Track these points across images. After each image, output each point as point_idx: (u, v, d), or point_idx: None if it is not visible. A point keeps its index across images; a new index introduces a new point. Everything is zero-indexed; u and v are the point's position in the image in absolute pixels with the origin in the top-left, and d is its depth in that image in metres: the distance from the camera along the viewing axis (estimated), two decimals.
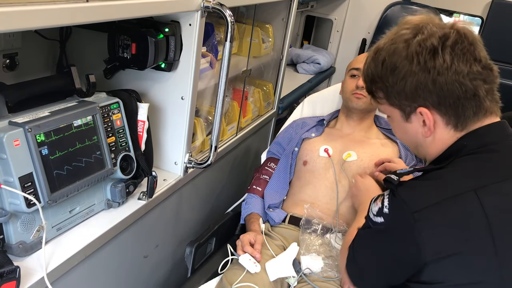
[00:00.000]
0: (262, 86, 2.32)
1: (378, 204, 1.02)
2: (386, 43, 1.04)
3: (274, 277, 1.46)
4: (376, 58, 1.05)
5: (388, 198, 0.99)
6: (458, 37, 0.97)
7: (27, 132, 1.04)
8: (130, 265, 1.47)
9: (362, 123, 1.82)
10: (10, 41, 1.32)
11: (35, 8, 0.88)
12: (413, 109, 1.02)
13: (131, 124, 1.35)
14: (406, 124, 1.07)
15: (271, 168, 1.86)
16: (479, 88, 0.97)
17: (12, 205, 1.03)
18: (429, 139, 1.05)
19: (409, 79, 0.99)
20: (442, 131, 1.02)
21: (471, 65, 0.96)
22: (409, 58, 0.98)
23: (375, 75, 1.06)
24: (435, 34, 0.97)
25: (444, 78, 0.96)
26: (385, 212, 0.98)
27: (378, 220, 1.00)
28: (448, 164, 0.99)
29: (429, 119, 1.01)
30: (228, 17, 1.36)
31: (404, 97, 1.02)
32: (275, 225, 1.70)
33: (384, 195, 1.02)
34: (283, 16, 2.23)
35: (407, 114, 1.04)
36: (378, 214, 1.01)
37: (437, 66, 0.96)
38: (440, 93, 0.97)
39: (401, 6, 3.10)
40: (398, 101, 1.03)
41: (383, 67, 1.03)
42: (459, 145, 1.01)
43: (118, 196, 1.31)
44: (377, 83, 1.06)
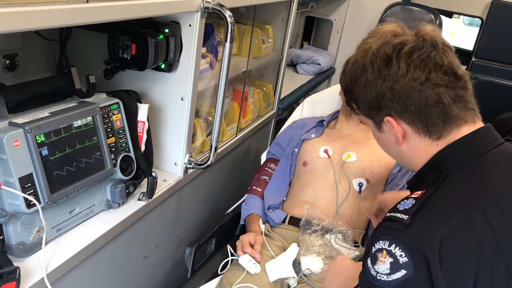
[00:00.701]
0: (262, 87, 2.32)
1: (383, 260, 0.87)
2: (353, 54, 1.05)
3: (274, 278, 1.46)
4: (344, 69, 1.07)
5: (396, 245, 0.86)
6: (417, 44, 0.95)
7: (27, 132, 1.04)
8: (130, 266, 1.47)
9: (362, 124, 1.82)
10: (10, 42, 1.32)
11: (35, 8, 0.88)
12: (381, 119, 1.01)
13: (131, 125, 1.35)
14: (381, 135, 1.05)
15: (271, 168, 1.86)
16: (441, 95, 0.94)
17: (12, 206, 1.03)
18: (404, 149, 1.02)
19: (368, 89, 0.98)
20: (416, 140, 0.99)
21: (430, 72, 0.94)
22: (366, 67, 0.98)
23: (345, 87, 1.07)
24: (389, 43, 0.97)
25: (400, 86, 0.95)
26: (404, 262, 0.84)
27: (398, 276, 0.84)
28: (439, 184, 0.93)
29: (395, 128, 0.99)
30: (228, 17, 1.36)
31: (369, 107, 1.01)
32: (275, 226, 1.71)
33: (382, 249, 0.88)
34: (283, 17, 2.23)
35: (378, 124, 1.03)
36: (394, 270, 0.85)
37: (391, 74, 0.95)
38: (399, 100, 0.96)
39: (401, 7, 3.11)
40: (366, 111, 1.03)
41: (349, 79, 1.04)
42: (443, 156, 0.98)
43: (118, 197, 1.31)
44: (348, 95, 1.07)
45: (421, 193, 0.92)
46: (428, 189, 0.93)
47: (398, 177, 1.74)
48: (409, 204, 0.91)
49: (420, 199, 0.91)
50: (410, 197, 0.93)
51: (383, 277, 0.86)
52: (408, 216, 0.87)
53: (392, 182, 1.74)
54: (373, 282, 0.87)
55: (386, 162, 1.75)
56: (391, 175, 1.75)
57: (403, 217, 0.88)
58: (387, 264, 0.86)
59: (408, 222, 0.86)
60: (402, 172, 1.74)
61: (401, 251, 0.85)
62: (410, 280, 0.84)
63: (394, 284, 0.85)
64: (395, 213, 0.90)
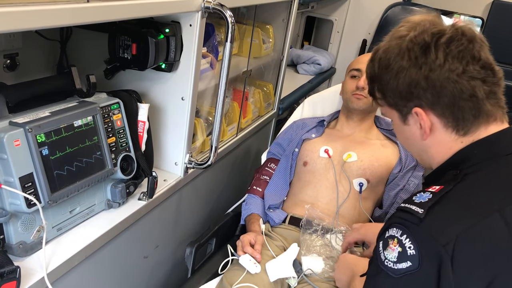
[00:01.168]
0: (262, 87, 2.32)
1: (393, 248, 0.88)
2: (383, 42, 1.02)
3: (274, 278, 1.46)
4: (374, 57, 1.03)
5: (408, 237, 0.86)
6: (456, 35, 0.93)
7: (27, 132, 1.04)
8: (130, 266, 1.47)
9: (362, 124, 1.82)
10: (10, 42, 1.32)
11: (36, 8, 0.88)
12: (409, 110, 0.98)
13: (131, 125, 1.35)
14: (405, 127, 1.02)
15: (271, 168, 1.86)
16: (477, 88, 0.92)
17: (13, 205, 1.03)
18: (428, 143, 0.99)
19: (401, 76, 0.95)
20: (442, 134, 0.97)
21: (468, 64, 0.92)
22: (401, 54, 0.96)
23: (373, 74, 1.04)
24: (428, 31, 0.94)
25: (436, 75, 0.92)
26: (412, 254, 0.85)
27: (403, 266, 0.86)
28: (458, 181, 0.92)
29: (424, 120, 0.96)
30: (229, 17, 1.36)
31: (398, 96, 0.98)
32: (275, 226, 1.71)
33: (394, 236, 0.89)
34: (284, 17, 2.23)
35: (404, 116, 1.00)
36: (401, 260, 0.86)
37: (428, 62, 0.93)
38: (433, 91, 0.93)
39: (401, 7, 3.10)
40: (394, 101, 1.00)
41: (379, 66, 1.01)
42: (466, 154, 0.95)
43: (119, 197, 1.31)
44: (375, 83, 1.04)
45: (438, 188, 0.91)
46: (446, 185, 0.91)
47: (398, 177, 1.74)
48: (425, 198, 0.90)
49: (437, 194, 0.90)
50: (427, 191, 0.92)
51: (389, 264, 0.88)
52: (423, 210, 0.87)
53: (393, 182, 1.74)
54: (381, 266, 0.89)
55: (387, 162, 1.75)
56: (391, 175, 1.75)
57: (418, 210, 0.87)
58: (395, 253, 0.88)
59: (422, 216, 0.86)
60: (403, 172, 1.74)
61: (410, 243, 0.86)
62: (413, 272, 0.85)
63: (398, 273, 0.87)
64: (410, 205, 0.90)
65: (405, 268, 0.86)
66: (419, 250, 0.85)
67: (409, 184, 1.73)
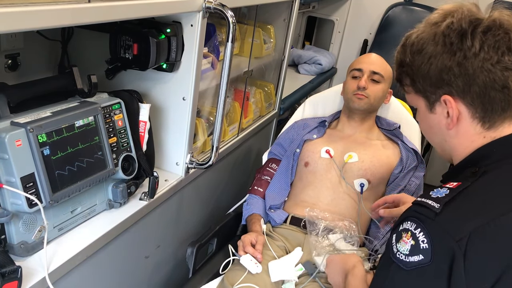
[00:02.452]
0: (263, 87, 2.32)
1: (406, 241, 0.89)
2: (416, 29, 1.01)
3: (276, 279, 1.46)
4: (405, 43, 1.02)
5: (421, 231, 0.87)
6: (493, 24, 0.92)
7: (29, 132, 1.04)
8: (132, 266, 1.47)
9: (363, 124, 1.82)
10: (12, 42, 1.32)
11: (37, 8, 0.88)
12: (438, 97, 0.96)
13: (132, 125, 1.35)
14: (430, 116, 1.01)
15: (272, 169, 1.86)
16: (509, 79, 0.91)
17: (14, 205, 1.03)
18: (452, 133, 0.98)
19: (434, 61, 0.94)
20: (468, 125, 0.96)
21: (503, 54, 0.91)
22: (436, 39, 0.94)
23: (403, 59, 1.02)
24: (466, 18, 0.93)
25: (470, 63, 0.91)
26: (424, 248, 0.85)
27: (415, 259, 0.87)
28: (476, 179, 0.91)
29: (453, 108, 0.94)
30: (230, 17, 1.36)
31: (428, 83, 0.97)
32: (276, 226, 1.70)
33: (408, 229, 0.89)
34: (285, 17, 2.23)
35: (431, 103, 0.99)
36: (413, 253, 0.87)
37: (463, 49, 0.91)
38: (465, 78, 0.92)
39: (402, 7, 3.10)
40: (423, 87, 0.98)
41: (410, 51, 0.99)
42: (485, 152, 0.95)
43: (120, 197, 1.31)
44: (404, 68, 1.02)
45: (456, 185, 0.91)
46: (464, 181, 0.91)
47: (399, 178, 1.74)
48: (443, 194, 0.90)
49: (454, 190, 0.90)
50: (444, 187, 0.92)
51: (401, 256, 0.88)
52: (439, 205, 0.87)
53: (394, 182, 1.74)
54: (392, 258, 0.90)
55: (388, 163, 1.75)
56: (392, 175, 1.75)
57: (434, 205, 0.88)
58: (408, 246, 0.88)
59: (438, 211, 0.86)
60: (404, 173, 1.74)
61: (424, 236, 0.86)
62: (425, 266, 0.85)
63: (409, 266, 0.87)
64: (427, 199, 0.90)
65: (417, 261, 0.86)
66: (432, 244, 0.85)
67: (410, 185, 1.73)
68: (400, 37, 1.06)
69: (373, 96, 1.76)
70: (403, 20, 3.03)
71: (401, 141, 1.82)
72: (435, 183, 0.99)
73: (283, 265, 1.51)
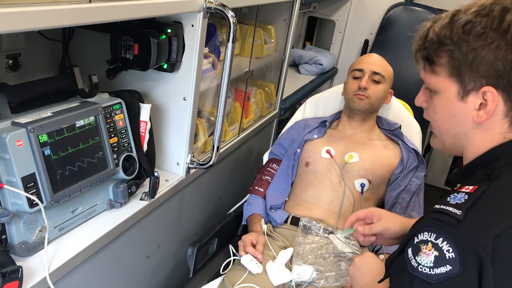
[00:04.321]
0: (264, 87, 2.32)
1: (427, 253, 0.84)
2: (469, 7, 0.92)
3: (277, 283, 1.47)
4: (454, 20, 0.92)
5: (445, 240, 0.82)
6: None
7: (29, 132, 1.04)
8: (132, 266, 1.47)
9: (364, 124, 1.82)
10: (13, 42, 1.32)
11: (38, 8, 0.88)
12: (477, 86, 0.90)
13: (133, 125, 1.35)
14: (459, 104, 0.93)
15: (273, 169, 1.86)
16: None
17: (15, 205, 1.03)
18: (477, 127, 0.93)
19: (493, 50, 0.87)
20: (496, 122, 0.91)
21: None
22: (504, 28, 0.87)
23: (448, 37, 0.92)
24: None
25: None
26: (451, 257, 0.81)
27: (442, 271, 0.82)
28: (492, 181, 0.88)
29: (494, 101, 0.89)
30: (231, 18, 1.36)
31: (476, 70, 0.89)
32: (277, 226, 1.71)
33: (427, 241, 0.84)
34: (286, 17, 2.23)
35: (465, 92, 0.91)
36: (439, 264, 0.82)
37: None
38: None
39: (403, 7, 3.10)
40: (464, 71, 0.91)
41: (463, 30, 0.90)
42: (498, 153, 0.91)
43: (120, 197, 1.31)
44: (447, 46, 0.92)
45: (473, 189, 0.88)
46: (480, 185, 0.88)
47: (400, 178, 1.74)
48: (462, 199, 0.86)
49: (473, 195, 0.86)
50: (461, 191, 0.88)
51: (425, 270, 0.83)
52: (461, 211, 0.83)
53: (395, 182, 1.74)
54: (413, 273, 0.85)
55: (388, 163, 1.75)
56: (393, 175, 1.75)
57: (456, 212, 0.84)
58: (431, 257, 0.83)
59: (461, 218, 0.82)
60: (404, 173, 1.74)
61: (448, 246, 0.82)
62: (455, 277, 0.81)
63: (436, 278, 0.82)
64: (446, 206, 0.86)
65: (445, 273, 0.81)
66: (459, 252, 0.80)
67: (410, 185, 1.73)
68: (401, 37, 1.04)
69: (374, 97, 1.76)
70: (404, 20, 3.03)
71: (401, 141, 1.82)
72: (435, 183, 0.98)
73: (278, 269, 1.50)
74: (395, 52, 2.92)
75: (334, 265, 1.50)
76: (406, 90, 2.53)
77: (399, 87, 2.02)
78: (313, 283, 1.48)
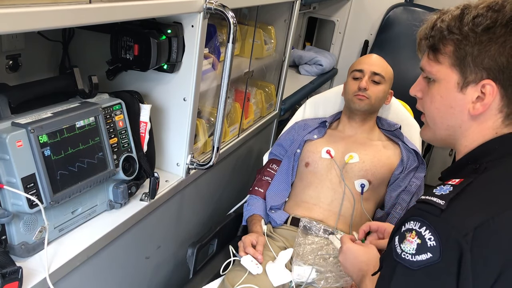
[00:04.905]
0: (264, 88, 2.32)
1: (411, 240, 0.87)
2: (481, 2, 0.94)
3: (277, 283, 1.46)
4: (464, 13, 0.94)
5: (427, 228, 0.85)
6: None
7: (29, 133, 1.04)
8: (132, 266, 1.47)
9: (364, 125, 1.82)
10: (13, 42, 1.32)
11: (38, 9, 0.88)
12: (477, 79, 0.92)
13: (133, 125, 1.35)
14: (457, 95, 0.95)
15: (273, 169, 1.86)
16: None
17: (15, 206, 1.03)
18: (472, 119, 0.95)
19: (496, 46, 0.89)
20: (490, 116, 0.94)
21: None
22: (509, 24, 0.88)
23: (457, 27, 0.94)
24: None
25: None
26: (432, 246, 0.84)
27: (422, 258, 0.85)
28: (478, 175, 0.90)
29: (492, 95, 0.91)
30: (231, 18, 1.36)
31: (480, 62, 0.91)
32: (277, 227, 1.70)
33: (412, 229, 0.87)
34: (285, 18, 2.23)
35: (465, 83, 0.93)
36: (420, 252, 0.85)
37: None
38: None
39: (403, 8, 3.10)
40: (468, 63, 0.92)
41: (473, 22, 0.92)
42: (487, 149, 0.94)
43: (120, 197, 1.31)
44: (455, 35, 0.94)
45: (459, 181, 0.90)
46: (466, 178, 0.90)
47: (400, 178, 1.74)
48: (446, 190, 0.89)
49: (458, 187, 0.89)
50: (447, 184, 0.90)
51: (407, 256, 0.86)
52: (444, 201, 0.86)
53: (395, 183, 1.74)
54: (397, 259, 0.88)
55: (388, 164, 1.75)
56: (393, 176, 1.75)
57: (439, 202, 0.86)
58: (413, 245, 0.86)
59: (444, 208, 0.85)
60: (405, 174, 1.74)
61: (430, 234, 0.84)
62: (434, 265, 0.84)
63: (417, 265, 0.85)
64: (431, 197, 0.88)
65: (425, 260, 0.84)
66: (440, 241, 0.83)
67: (410, 185, 1.73)
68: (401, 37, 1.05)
69: (374, 97, 1.76)
70: (404, 21, 3.03)
71: (401, 141, 1.82)
72: (436, 183, 0.98)
73: (278, 270, 1.50)
74: (395, 53, 2.92)
75: (334, 265, 1.50)
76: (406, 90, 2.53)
77: (399, 87, 2.01)
78: (313, 284, 1.48)
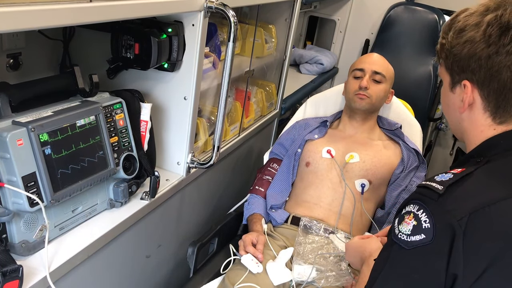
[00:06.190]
0: (265, 87, 2.32)
1: (408, 222, 0.91)
2: (474, 7, 1.01)
3: (278, 282, 1.46)
4: (454, 19, 1.03)
5: (424, 211, 0.89)
6: None
7: (30, 131, 1.04)
8: (132, 265, 1.47)
9: (365, 124, 1.82)
10: (13, 41, 1.32)
11: (39, 8, 0.88)
12: (460, 80, 0.99)
13: (134, 124, 1.35)
14: (450, 94, 1.04)
15: (273, 168, 1.86)
16: None
17: (15, 205, 1.03)
18: (463, 117, 1.01)
19: (468, 46, 0.96)
20: (479, 115, 0.99)
21: None
22: (479, 26, 0.95)
23: (445, 32, 1.03)
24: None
25: (499, 60, 0.93)
26: (426, 227, 0.88)
27: (416, 239, 0.88)
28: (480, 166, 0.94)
29: (467, 94, 0.97)
30: (231, 17, 1.36)
31: (457, 64, 0.99)
32: (277, 226, 1.71)
33: (410, 211, 0.91)
34: (286, 17, 2.23)
35: (454, 83, 1.02)
36: (415, 233, 0.89)
37: (499, 44, 0.93)
38: (488, 72, 0.94)
39: (404, 7, 3.10)
40: (451, 65, 1.01)
41: (454, 28, 1.00)
42: (490, 144, 0.98)
43: (121, 196, 1.31)
44: (443, 39, 1.04)
45: (460, 170, 0.94)
46: (468, 168, 0.94)
47: (400, 178, 1.74)
48: (447, 177, 0.93)
49: (458, 175, 0.92)
50: (449, 172, 0.94)
51: (403, 237, 0.90)
52: (442, 187, 0.90)
53: (395, 183, 1.74)
54: (394, 239, 0.92)
55: (389, 163, 1.75)
56: (393, 175, 1.75)
57: (438, 187, 0.90)
58: (410, 226, 0.90)
59: (441, 192, 0.89)
60: (405, 173, 1.74)
61: (426, 216, 0.88)
62: (426, 245, 0.87)
63: (411, 245, 0.89)
64: (431, 182, 0.92)
65: (418, 241, 0.88)
66: (434, 223, 0.87)
67: (411, 185, 1.73)
68: (402, 36, 1.07)
69: (374, 96, 1.76)
70: (405, 20, 3.02)
71: (402, 141, 1.81)
72: None
73: (279, 268, 1.50)
74: (396, 52, 2.92)
75: (334, 265, 1.50)
76: (407, 89, 2.54)
77: (400, 86, 2.02)
78: (314, 283, 1.48)
